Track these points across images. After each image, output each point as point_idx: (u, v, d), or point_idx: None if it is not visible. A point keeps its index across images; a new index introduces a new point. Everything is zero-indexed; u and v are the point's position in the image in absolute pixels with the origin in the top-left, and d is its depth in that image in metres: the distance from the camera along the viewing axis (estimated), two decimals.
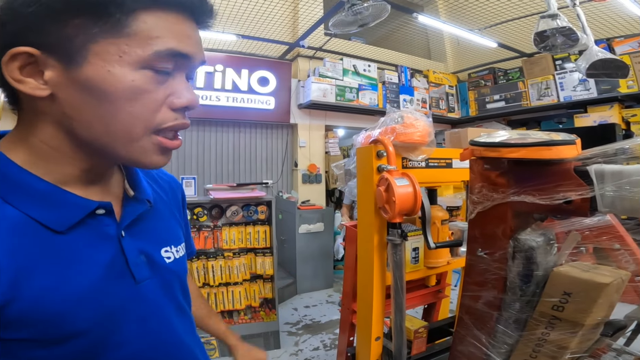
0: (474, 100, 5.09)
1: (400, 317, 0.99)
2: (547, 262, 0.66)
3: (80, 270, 0.44)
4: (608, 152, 0.62)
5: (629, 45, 3.72)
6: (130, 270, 0.50)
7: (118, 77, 0.40)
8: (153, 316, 0.52)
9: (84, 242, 0.46)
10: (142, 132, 0.43)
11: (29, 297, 0.40)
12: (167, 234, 0.59)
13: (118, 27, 0.39)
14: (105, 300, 0.46)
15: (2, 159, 0.43)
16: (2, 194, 0.41)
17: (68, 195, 0.45)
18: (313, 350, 2.72)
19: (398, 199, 0.88)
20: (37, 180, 0.43)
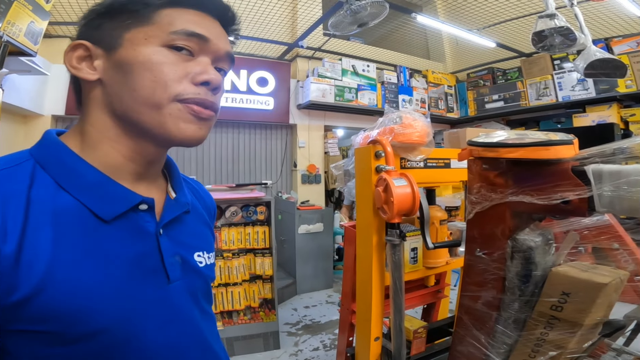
0: (473, 100, 5.10)
1: (399, 317, 0.99)
2: (545, 262, 0.66)
3: (114, 264, 0.46)
4: (606, 152, 0.62)
5: (627, 45, 3.73)
6: (165, 269, 0.51)
7: (141, 52, 0.47)
8: (179, 318, 0.52)
9: (124, 235, 0.48)
10: (164, 98, 0.47)
11: (61, 287, 0.41)
12: (200, 240, 0.61)
13: (145, 20, 0.48)
14: (134, 297, 0.47)
15: (62, 147, 0.48)
16: (60, 180, 0.45)
17: (117, 186, 0.48)
18: (313, 351, 2.72)
19: (396, 199, 0.88)
20: (91, 169, 0.47)
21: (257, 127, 4.55)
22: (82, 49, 0.49)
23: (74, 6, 3.46)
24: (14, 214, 0.41)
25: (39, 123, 3.52)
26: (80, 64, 0.49)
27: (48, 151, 0.47)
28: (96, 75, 0.48)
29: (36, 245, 0.41)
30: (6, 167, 0.44)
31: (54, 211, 0.43)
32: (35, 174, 0.45)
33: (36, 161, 0.46)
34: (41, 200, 0.43)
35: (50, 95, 3.54)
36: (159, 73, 0.46)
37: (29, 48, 2.46)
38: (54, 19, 3.49)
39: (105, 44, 0.48)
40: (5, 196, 0.41)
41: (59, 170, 0.46)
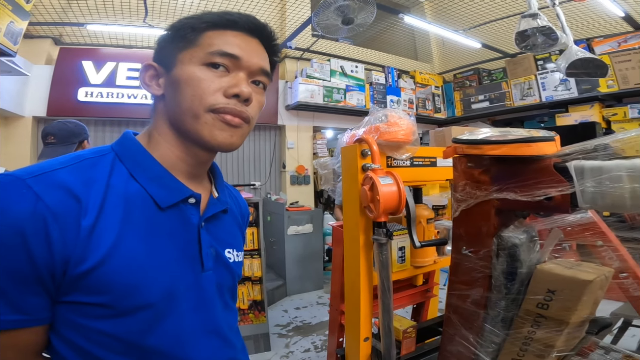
0: (459, 100, 5.16)
1: (388, 317, 0.98)
2: (530, 259, 0.66)
3: (165, 247, 0.54)
4: (587, 149, 0.63)
5: (609, 45, 3.81)
6: (202, 258, 0.58)
7: (186, 71, 0.56)
8: (204, 306, 0.58)
9: (174, 223, 0.56)
10: (201, 109, 0.54)
11: (121, 261, 0.48)
12: (232, 239, 0.68)
13: (192, 43, 0.57)
14: (174, 278, 0.54)
15: (136, 144, 0.58)
16: (132, 170, 0.55)
17: (174, 179, 0.57)
18: (304, 352, 2.70)
19: (382, 198, 0.87)
20: (156, 163, 0.57)
21: None
22: (152, 69, 0.59)
23: (55, 6, 3.38)
24: (95, 196, 0.49)
25: (20, 124, 3.43)
26: (151, 81, 0.59)
27: (125, 146, 0.58)
28: (161, 91, 0.59)
29: (107, 223, 0.49)
30: (93, 156, 0.54)
31: (125, 196, 0.52)
32: (114, 164, 0.54)
33: (116, 154, 0.56)
34: (117, 186, 0.52)
35: (31, 96, 3.45)
36: (197, 88, 0.55)
37: (8, 48, 2.40)
38: (35, 19, 3.41)
39: (166, 65, 0.58)
40: (91, 180, 0.50)
41: (132, 162, 0.56)
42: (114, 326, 0.49)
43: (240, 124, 0.57)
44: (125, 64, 3.78)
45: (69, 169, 0.50)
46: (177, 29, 0.58)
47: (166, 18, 3.85)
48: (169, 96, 0.58)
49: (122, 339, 0.49)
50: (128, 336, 0.49)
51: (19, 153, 3.36)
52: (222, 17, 0.58)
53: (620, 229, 0.75)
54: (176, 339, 0.53)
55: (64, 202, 0.47)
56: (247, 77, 0.58)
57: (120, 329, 0.49)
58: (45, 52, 3.70)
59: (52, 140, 1.61)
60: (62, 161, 0.51)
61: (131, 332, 0.50)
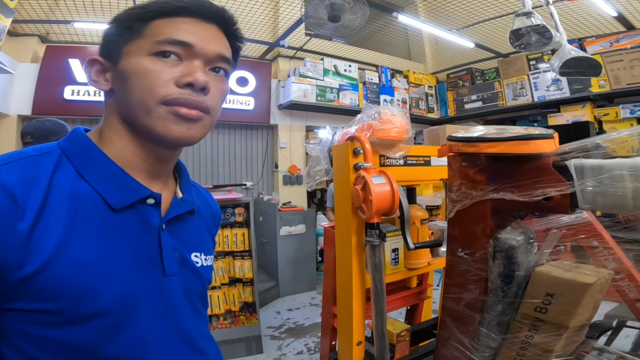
0: (452, 100, 5.16)
1: (381, 321, 0.96)
2: (528, 261, 0.64)
3: (119, 250, 0.50)
4: (587, 147, 0.60)
5: (601, 45, 3.84)
6: (163, 263, 0.54)
7: (132, 62, 0.52)
8: (170, 312, 0.55)
9: (130, 225, 0.52)
10: (153, 102, 0.50)
11: (66, 266, 0.45)
12: (199, 242, 0.64)
13: (138, 33, 0.53)
14: (131, 283, 0.50)
15: (87, 140, 0.54)
16: (80, 169, 0.50)
17: (130, 179, 0.53)
18: (297, 355, 2.67)
19: (375, 198, 0.84)
20: (109, 162, 0.53)
21: (237, 127, 4.46)
22: (97, 64, 0.55)
23: (42, 4, 3.30)
24: (35, 196, 0.45)
25: (5, 123, 3.35)
26: (98, 77, 0.55)
27: (74, 143, 0.53)
28: (108, 85, 0.55)
29: (49, 224, 0.45)
30: (36, 154, 0.50)
31: (71, 196, 0.48)
32: (60, 162, 0.50)
33: (62, 151, 0.52)
34: (61, 185, 0.48)
35: (16, 95, 3.37)
36: (145, 80, 0.51)
37: None
38: (21, 17, 3.33)
39: (111, 58, 0.54)
40: (31, 179, 0.46)
41: (81, 160, 0.51)
42: (66, 334, 0.45)
43: (198, 116, 0.53)
44: None
45: (7, 166, 0.46)
46: (122, 20, 0.54)
47: None
48: (118, 90, 0.54)
49: (77, 348, 0.46)
50: (84, 345, 0.46)
51: (3, 152, 3.27)
52: (170, 3, 0.53)
53: (614, 230, 0.74)
54: (141, 348, 0.50)
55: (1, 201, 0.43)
56: (204, 64, 0.54)
57: (74, 337, 0.46)
58: (31, 50, 3.61)
59: (29, 140, 1.57)
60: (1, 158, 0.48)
61: (87, 340, 0.46)
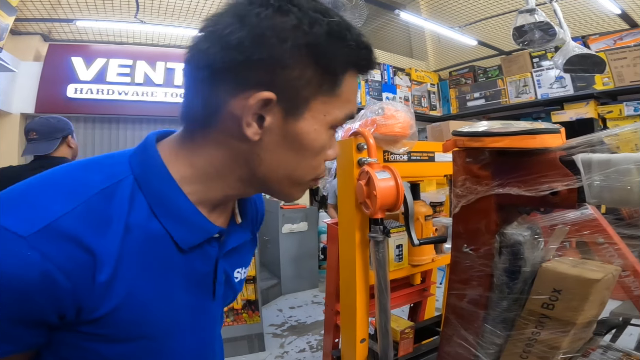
0: (455, 98, 5.15)
1: (385, 317, 0.95)
2: (534, 257, 0.63)
3: (177, 285, 0.47)
4: (594, 141, 0.60)
5: (604, 43, 3.81)
6: (214, 288, 0.52)
7: (319, 134, 0.42)
8: (207, 326, 0.55)
9: (193, 260, 0.47)
10: (308, 179, 0.46)
11: (132, 306, 0.42)
12: (244, 257, 0.61)
13: (335, 87, 0.41)
14: (179, 311, 0.48)
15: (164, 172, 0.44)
16: (153, 206, 0.43)
17: (201, 218, 0.46)
18: (299, 352, 2.67)
19: (379, 193, 0.83)
20: (184, 200, 0.45)
21: None
22: (268, 104, 0.40)
23: (44, 3, 3.31)
24: (112, 243, 0.40)
25: (7, 121, 3.36)
26: (254, 120, 0.41)
27: (149, 174, 0.44)
28: (258, 137, 0.41)
29: (124, 272, 0.41)
30: (107, 185, 0.42)
31: (144, 238, 0.43)
32: (134, 195, 0.43)
33: (135, 179, 0.44)
34: (137, 226, 0.42)
35: (19, 93, 3.39)
36: (319, 160, 0.45)
37: None
38: (23, 16, 3.34)
39: (288, 105, 0.41)
40: (106, 222, 0.40)
41: (155, 196, 0.44)
42: (108, 349, 0.44)
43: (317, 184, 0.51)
44: (116, 61, 3.73)
45: (77, 211, 0.39)
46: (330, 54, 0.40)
47: (158, 14, 3.79)
48: (272, 148, 0.43)
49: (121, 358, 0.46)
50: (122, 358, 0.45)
51: (7, 150, 3.30)
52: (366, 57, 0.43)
53: (617, 226, 0.73)
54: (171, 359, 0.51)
55: (75, 257, 0.38)
56: None
57: (115, 352, 0.45)
58: (33, 48, 3.63)
59: (34, 137, 1.57)
60: (66, 197, 0.39)
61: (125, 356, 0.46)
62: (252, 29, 0.38)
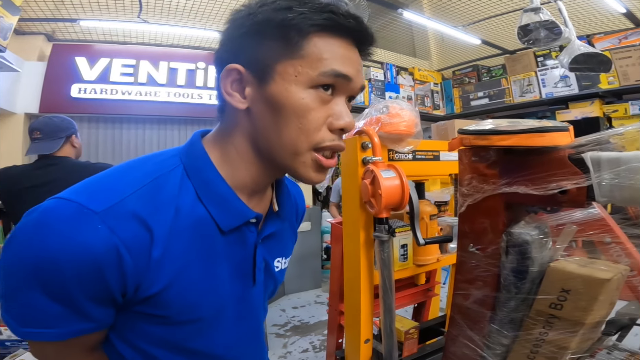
0: (458, 97, 5.12)
1: (389, 318, 0.94)
2: (542, 257, 0.62)
3: (221, 268, 0.53)
4: (603, 139, 0.59)
5: (609, 42, 3.79)
6: (254, 274, 0.57)
7: (293, 94, 0.47)
8: (251, 315, 0.60)
9: (232, 243, 0.53)
10: (305, 148, 0.49)
11: (183, 285, 0.48)
12: (284, 247, 0.66)
13: (296, 49, 0.46)
14: (226, 295, 0.54)
15: (207, 161, 0.52)
16: (199, 191, 0.50)
17: (239, 202, 0.52)
18: (302, 353, 2.67)
19: (384, 192, 0.83)
20: (223, 184, 0.51)
21: None
22: (236, 74, 0.49)
23: (48, 2, 3.32)
24: (164, 222, 0.46)
25: (11, 121, 3.38)
26: (233, 89, 0.49)
27: (196, 163, 0.52)
28: (246, 104, 0.49)
29: (175, 249, 0.47)
30: (162, 172, 0.49)
31: (192, 220, 0.49)
32: (183, 181, 0.50)
33: (184, 168, 0.51)
34: (184, 208, 0.49)
35: (23, 93, 3.40)
36: (306, 121, 0.47)
37: None
38: (27, 16, 3.35)
39: (257, 73, 0.48)
40: (160, 205, 0.47)
41: (201, 182, 0.51)
42: (166, 332, 0.51)
43: (334, 164, 0.52)
44: (119, 60, 3.73)
45: (138, 194, 0.46)
46: (277, 24, 0.46)
47: (161, 14, 3.79)
48: (262, 117, 0.49)
49: (170, 341, 0.52)
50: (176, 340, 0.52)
51: (11, 150, 3.31)
52: (332, 18, 0.47)
53: (625, 225, 0.72)
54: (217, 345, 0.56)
55: (137, 234, 0.45)
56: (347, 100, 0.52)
57: (171, 334, 0.51)
58: (37, 48, 3.64)
59: (38, 136, 1.57)
60: (129, 183, 0.47)
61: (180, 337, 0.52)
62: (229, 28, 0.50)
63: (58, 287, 0.42)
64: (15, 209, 1.59)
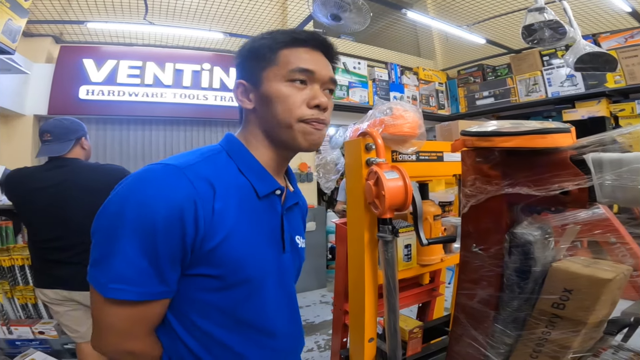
0: (463, 97, 5.10)
1: (393, 317, 0.95)
2: (545, 257, 0.63)
3: (261, 229, 0.66)
4: (605, 140, 0.60)
5: (615, 41, 3.75)
6: (283, 242, 0.70)
7: (275, 88, 0.66)
8: (284, 283, 0.71)
9: (267, 210, 0.68)
10: (294, 120, 0.66)
11: (236, 240, 0.60)
12: (299, 227, 0.82)
13: (271, 60, 0.67)
14: (265, 258, 0.66)
15: (241, 144, 0.70)
16: (240, 165, 0.67)
17: (268, 174, 0.69)
18: (307, 352, 2.68)
19: (388, 193, 0.84)
20: (255, 161, 0.69)
21: None
22: (242, 87, 0.70)
23: (55, 5, 3.36)
24: (222, 182, 0.61)
25: (20, 123, 3.42)
26: (243, 97, 0.70)
27: (233, 146, 0.69)
28: (252, 105, 0.69)
29: (230, 207, 0.60)
30: (213, 153, 0.67)
31: (237, 186, 0.64)
32: (228, 160, 0.67)
33: (226, 152, 0.68)
34: (233, 176, 0.65)
35: (32, 95, 3.44)
36: (287, 103, 0.65)
37: (7, 46, 2.37)
38: (35, 18, 3.40)
39: (253, 82, 0.69)
40: (217, 170, 0.63)
41: (240, 159, 0.68)
42: (220, 298, 0.61)
43: (322, 128, 0.69)
44: (126, 62, 3.75)
45: (203, 162, 0.62)
46: (257, 48, 0.68)
47: (166, 15, 3.83)
48: (261, 109, 0.68)
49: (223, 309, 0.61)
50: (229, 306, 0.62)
51: (20, 151, 3.35)
52: (292, 36, 0.68)
53: (630, 226, 0.72)
54: (263, 311, 0.66)
55: (206, 188, 0.58)
56: (321, 87, 0.69)
57: (224, 300, 0.61)
58: (45, 50, 3.68)
59: (48, 138, 1.59)
60: (195, 155, 0.63)
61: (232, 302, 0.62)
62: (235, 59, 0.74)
63: (150, 235, 0.54)
64: (26, 210, 1.61)
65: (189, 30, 3.90)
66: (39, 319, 2.07)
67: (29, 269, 2.04)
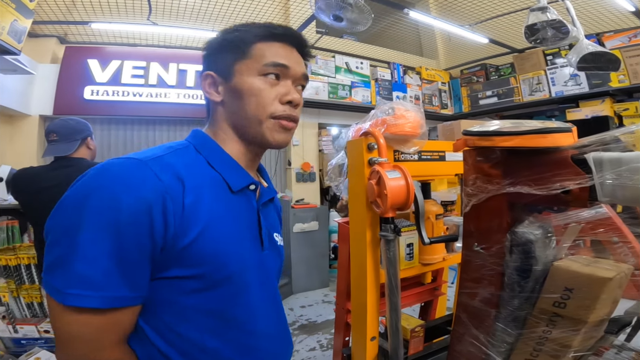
0: (466, 96, 5.09)
1: (395, 316, 0.96)
2: (546, 256, 0.63)
3: (239, 224, 0.63)
4: (606, 140, 0.60)
5: (619, 40, 3.74)
6: (261, 238, 0.67)
7: (247, 82, 0.64)
8: (268, 282, 0.68)
9: (242, 205, 0.65)
10: (265, 116, 0.64)
11: (212, 235, 0.57)
12: (276, 224, 0.79)
13: (245, 53, 0.65)
14: (244, 254, 0.62)
15: (209, 138, 0.67)
16: (209, 159, 0.63)
17: (241, 168, 0.67)
18: (309, 351, 2.69)
19: (390, 192, 0.84)
20: (226, 154, 0.66)
21: None
22: (210, 78, 0.67)
23: (60, 5, 3.39)
24: (191, 176, 0.57)
25: (26, 123, 3.45)
26: (210, 89, 0.67)
27: (201, 140, 0.66)
28: (220, 97, 0.67)
29: (202, 202, 0.57)
30: (180, 147, 0.63)
31: (209, 179, 0.61)
32: (195, 154, 0.63)
33: (193, 146, 0.65)
34: (202, 170, 0.61)
35: (37, 95, 3.47)
36: (260, 97, 0.64)
37: (12, 46, 2.40)
38: (40, 18, 3.43)
39: (223, 74, 0.66)
40: (185, 163, 0.59)
41: (209, 153, 0.64)
42: (202, 299, 0.57)
43: (294, 127, 0.68)
44: (130, 62, 3.78)
45: (170, 155, 0.59)
46: (230, 40, 0.66)
47: (170, 15, 3.85)
48: (230, 103, 0.66)
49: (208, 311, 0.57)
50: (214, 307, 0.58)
51: (26, 151, 3.38)
52: (268, 30, 0.66)
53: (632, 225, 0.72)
54: (251, 312, 0.62)
55: (174, 182, 0.55)
56: (293, 83, 0.68)
57: (208, 301, 0.57)
58: (50, 50, 3.71)
59: (54, 138, 1.61)
60: (161, 149, 0.60)
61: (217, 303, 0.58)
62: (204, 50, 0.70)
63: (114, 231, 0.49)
64: (32, 209, 1.63)
65: (192, 30, 3.92)
66: (44, 318, 2.09)
67: (35, 268, 2.06)
